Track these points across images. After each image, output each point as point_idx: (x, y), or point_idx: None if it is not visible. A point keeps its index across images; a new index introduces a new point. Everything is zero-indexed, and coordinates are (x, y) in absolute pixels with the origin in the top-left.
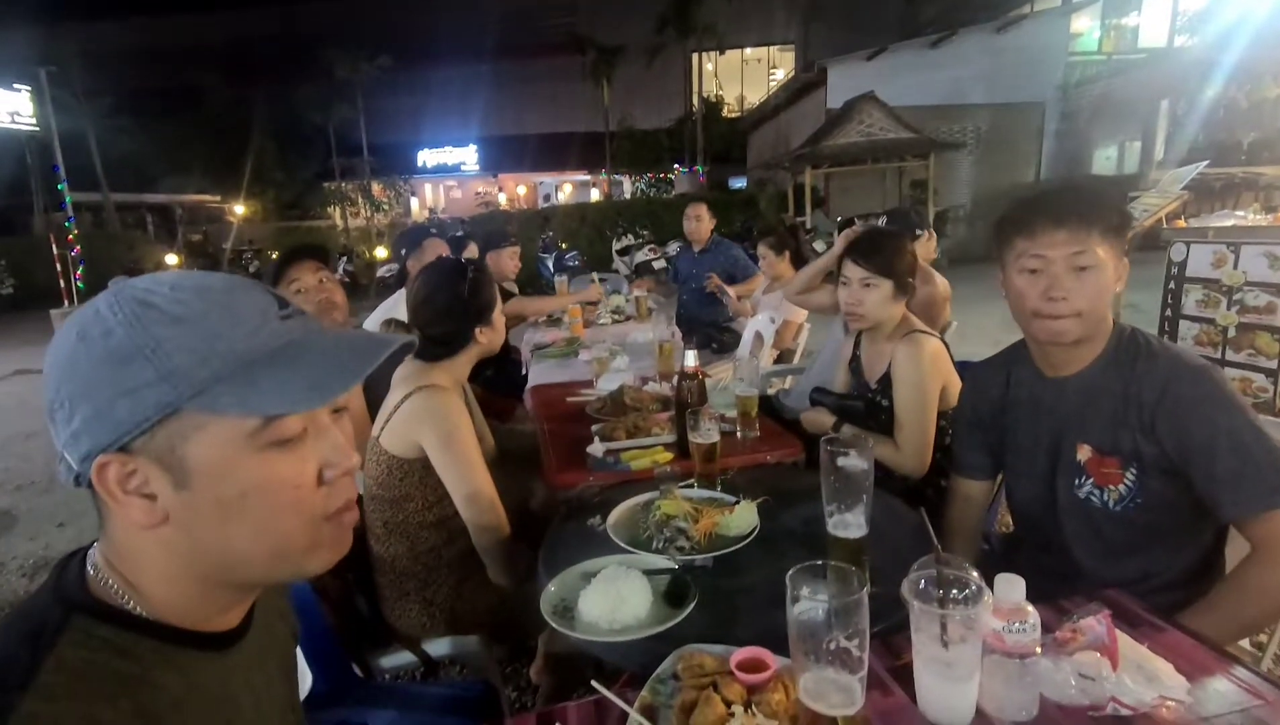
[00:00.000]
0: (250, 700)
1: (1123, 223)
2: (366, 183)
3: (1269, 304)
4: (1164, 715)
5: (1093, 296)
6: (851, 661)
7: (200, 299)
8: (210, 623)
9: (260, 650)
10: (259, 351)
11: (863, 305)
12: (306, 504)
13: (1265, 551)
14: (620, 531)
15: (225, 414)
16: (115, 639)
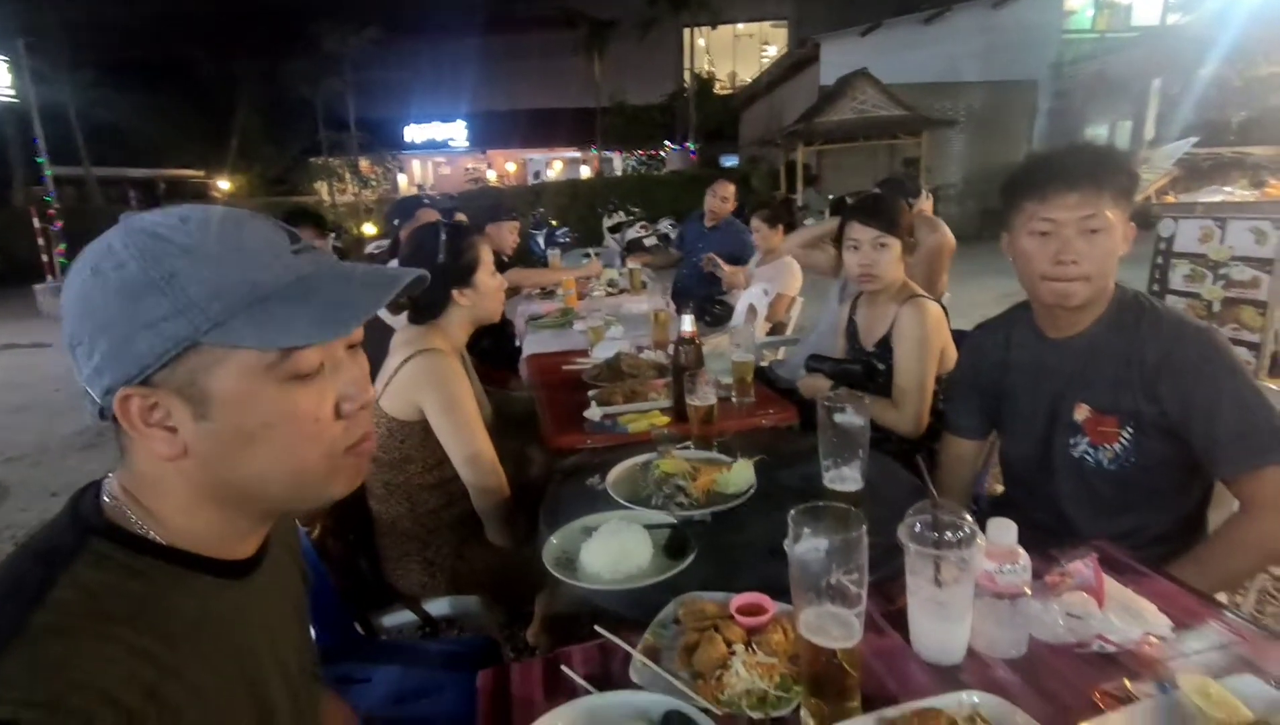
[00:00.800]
0: (265, 632)
1: (1132, 185)
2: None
3: (1253, 278)
4: (1147, 651)
5: (1102, 259)
6: (850, 597)
7: (212, 233)
8: (226, 550)
9: (274, 585)
10: (273, 285)
11: (877, 266)
12: (326, 436)
13: (1254, 507)
14: (620, 489)
15: (243, 347)
16: (131, 562)
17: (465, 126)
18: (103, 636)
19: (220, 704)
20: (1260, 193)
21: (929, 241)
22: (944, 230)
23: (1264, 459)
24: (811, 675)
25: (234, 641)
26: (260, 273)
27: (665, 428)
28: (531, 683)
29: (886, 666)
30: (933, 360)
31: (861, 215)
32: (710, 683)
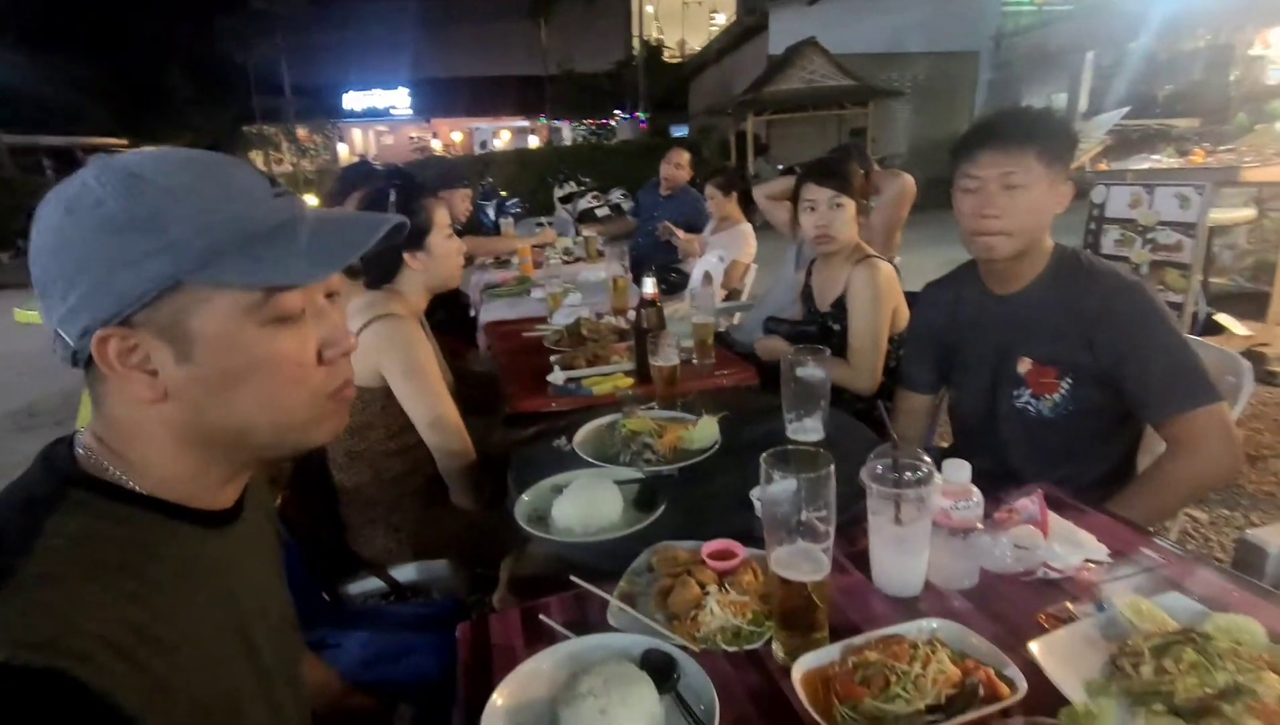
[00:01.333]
0: (247, 582)
1: (1060, 145)
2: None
3: (1178, 242)
4: (1086, 577)
5: (1022, 215)
6: (818, 534)
7: (191, 172)
8: (206, 500)
9: (253, 538)
10: (257, 226)
11: (832, 226)
12: (309, 380)
13: (1180, 447)
14: (587, 448)
15: (228, 287)
16: (113, 511)
17: (408, 94)
18: (92, 581)
19: (210, 646)
20: (1185, 160)
21: (892, 188)
22: (905, 177)
23: (1189, 403)
24: (783, 609)
25: (219, 587)
26: (245, 213)
27: (629, 389)
28: (511, 632)
29: (851, 602)
30: (885, 319)
31: (817, 176)
32: (686, 622)
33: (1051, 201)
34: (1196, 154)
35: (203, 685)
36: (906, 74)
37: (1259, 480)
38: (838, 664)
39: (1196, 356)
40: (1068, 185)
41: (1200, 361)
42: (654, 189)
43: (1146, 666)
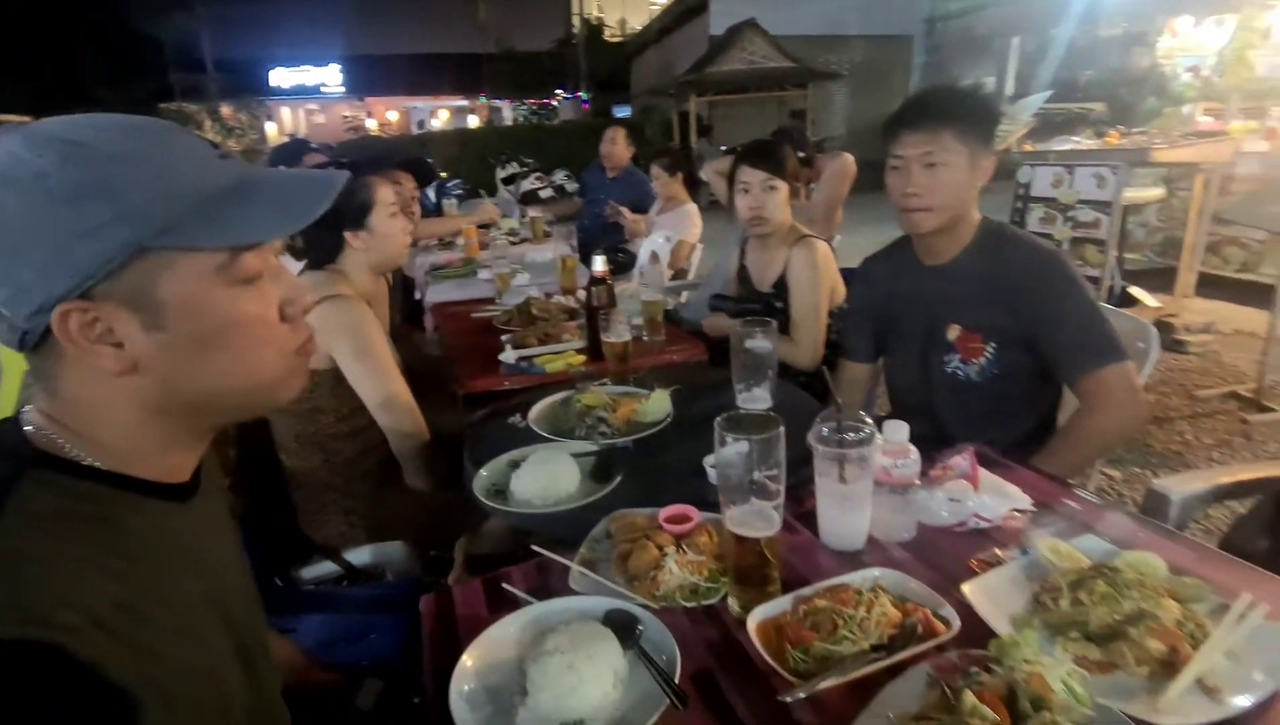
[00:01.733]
0: (214, 555)
1: (977, 122)
2: (214, 105)
3: (1095, 220)
4: (1012, 524)
5: (943, 191)
6: (769, 492)
7: (134, 138)
8: (166, 473)
9: (212, 512)
10: (211, 187)
11: (765, 208)
12: (276, 339)
13: (1092, 403)
14: (542, 424)
15: (196, 249)
16: (76, 487)
17: (340, 71)
18: (69, 557)
19: (189, 616)
20: (1102, 142)
21: (833, 166)
22: (845, 156)
23: (1099, 362)
24: (738, 565)
25: (189, 559)
26: (197, 176)
27: (582, 366)
28: (475, 602)
29: (800, 557)
30: (824, 296)
31: (751, 158)
32: (645, 583)
33: (973, 176)
34: (1112, 136)
35: (188, 655)
36: (844, 57)
37: (1166, 440)
38: (789, 613)
39: (1106, 320)
40: (990, 160)
41: (1109, 324)
42: (599, 170)
43: (1064, 600)
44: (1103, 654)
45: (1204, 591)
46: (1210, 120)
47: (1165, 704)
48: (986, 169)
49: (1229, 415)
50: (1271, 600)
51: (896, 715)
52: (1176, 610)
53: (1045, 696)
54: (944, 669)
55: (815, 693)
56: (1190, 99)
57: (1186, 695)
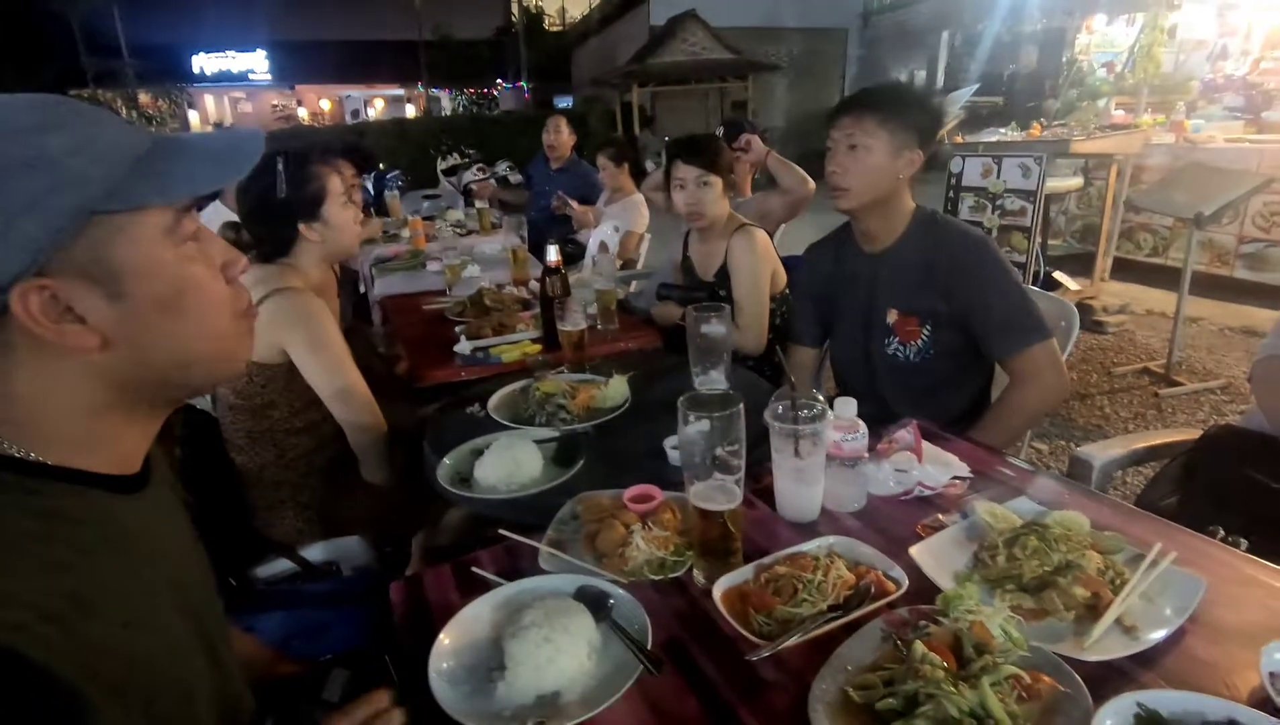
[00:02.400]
0: (169, 547)
1: (906, 114)
2: (132, 91)
3: (1021, 208)
4: (953, 492)
5: (860, 173)
6: (731, 467)
7: (44, 109)
8: (115, 465)
9: (164, 505)
10: (141, 147)
11: (701, 203)
12: (228, 300)
13: (1019, 379)
14: (502, 413)
15: (145, 208)
16: (20, 483)
17: (267, 57)
18: (16, 553)
19: (145, 607)
20: (1026, 134)
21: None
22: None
23: (1027, 341)
24: (702, 538)
25: (143, 550)
26: (124, 138)
27: (538, 356)
28: (445, 587)
29: (759, 530)
30: (765, 282)
31: (684, 154)
32: (614, 560)
33: (894, 164)
34: (1035, 128)
35: (145, 644)
36: (783, 49)
37: (1088, 414)
38: (751, 581)
39: (1032, 301)
40: (915, 152)
41: (1034, 305)
42: (543, 162)
43: (1000, 556)
44: (1035, 603)
45: (1122, 543)
46: (1122, 114)
47: (1090, 643)
48: (912, 160)
49: (1143, 390)
50: (1180, 549)
51: (854, 667)
52: (1099, 560)
53: (986, 642)
54: (896, 623)
55: (779, 651)
56: (1105, 93)
57: (1108, 634)
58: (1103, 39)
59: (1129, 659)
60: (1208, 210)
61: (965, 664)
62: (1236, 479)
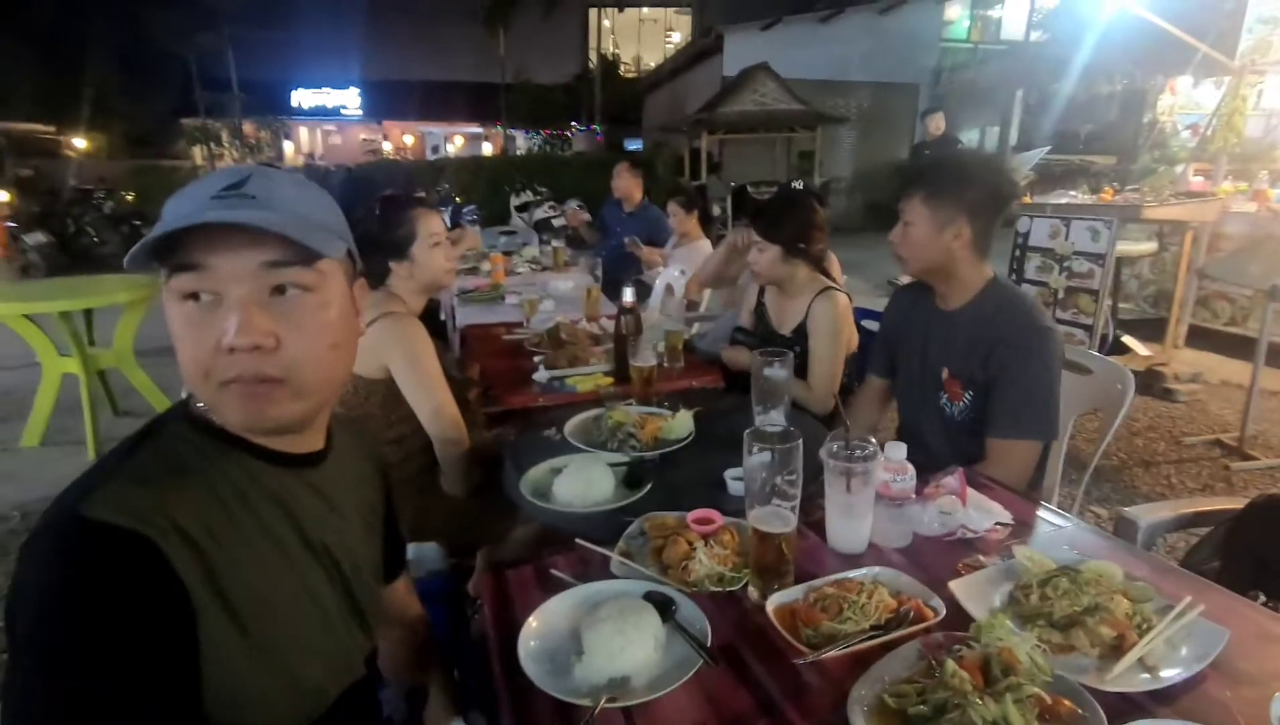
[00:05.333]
0: (327, 516)
1: (946, 190)
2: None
3: (1090, 271)
4: (994, 537)
5: (909, 245)
6: (788, 495)
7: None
8: (276, 443)
9: (337, 488)
10: (173, 210)
11: (758, 264)
12: (203, 362)
13: (990, 460)
14: (577, 436)
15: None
16: (196, 439)
17: (359, 94)
18: (175, 485)
19: (279, 559)
20: (1096, 197)
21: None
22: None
23: (1014, 432)
24: (759, 558)
25: (291, 514)
26: (176, 202)
27: (609, 387)
28: (527, 584)
29: (809, 558)
30: (843, 347)
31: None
32: (678, 571)
33: (939, 238)
34: (1106, 192)
35: (266, 588)
36: (851, 101)
37: (1152, 482)
38: (801, 600)
39: (1049, 404)
40: (961, 225)
41: (1049, 410)
42: (616, 206)
43: (1034, 595)
44: (1063, 638)
45: (1152, 593)
46: (1200, 180)
47: (1111, 677)
48: (959, 233)
49: (1212, 462)
50: (1210, 605)
51: (890, 679)
52: (1127, 606)
53: (1013, 666)
54: (931, 645)
55: (822, 660)
56: (1183, 159)
57: (1129, 671)
58: (1187, 100)
59: (1147, 694)
60: None
61: (992, 683)
62: (1278, 547)
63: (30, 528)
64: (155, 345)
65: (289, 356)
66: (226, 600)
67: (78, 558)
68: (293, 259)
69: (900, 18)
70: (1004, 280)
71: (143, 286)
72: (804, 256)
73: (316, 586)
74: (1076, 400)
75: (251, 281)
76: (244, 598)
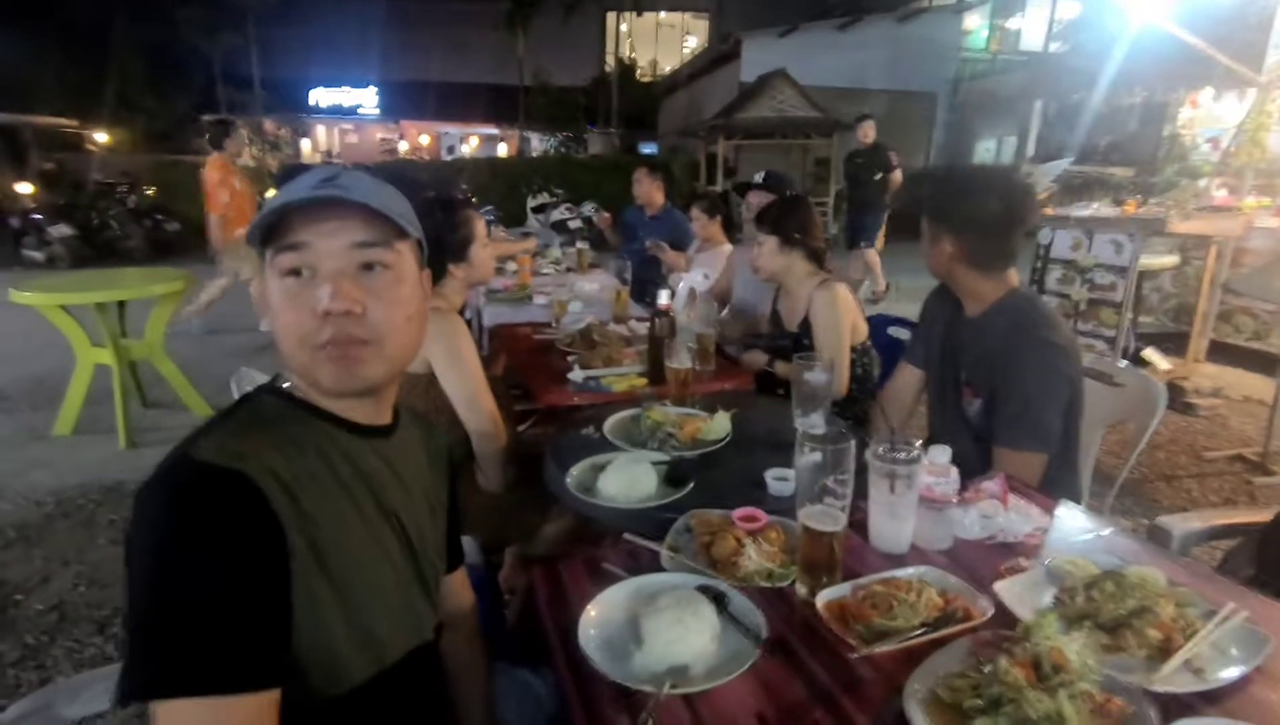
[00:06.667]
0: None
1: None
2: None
3: (1112, 283)
4: (1033, 542)
5: (926, 258)
6: (839, 494)
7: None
8: (350, 413)
9: (403, 462)
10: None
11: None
12: (300, 328)
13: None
14: (617, 435)
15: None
16: (283, 407)
17: (377, 93)
18: (267, 438)
19: (356, 515)
20: (1120, 210)
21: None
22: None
23: (1013, 442)
24: (808, 556)
25: (366, 478)
26: (282, 198)
27: (645, 388)
28: (579, 576)
29: (852, 558)
30: (846, 333)
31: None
32: (727, 566)
33: (935, 252)
34: (1129, 205)
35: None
36: (868, 109)
37: (1173, 496)
38: (849, 597)
39: (1050, 416)
40: (946, 241)
41: (1049, 422)
42: (639, 210)
43: (1080, 597)
44: (1110, 639)
45: (1196, 598)
46: (1225, 194)
47: (1159, 677)
48: (944, 249)
49: (1234, 476)
50: (1253, 611)
51: (943, 673)
52: (1172, 610)
53: (1063, 665)
54: (981, 643)
55: (874, 654)
56: (1206, 173)
57: (1176, 672)
58: (1208, 114)
59: (1195, 694)
60: None
61: (1043, 679)
62: None
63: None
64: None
65: (373, 322)
66: (314, 543)
67: (186, 494)
68: (376, 240)
69: (919, 26)
70: (1026, 292)
71: (175, 280)
72: (800, 247)
73: (389, 548)
74: (1106, 413)
75: (343, 257)
76: (329, 544)
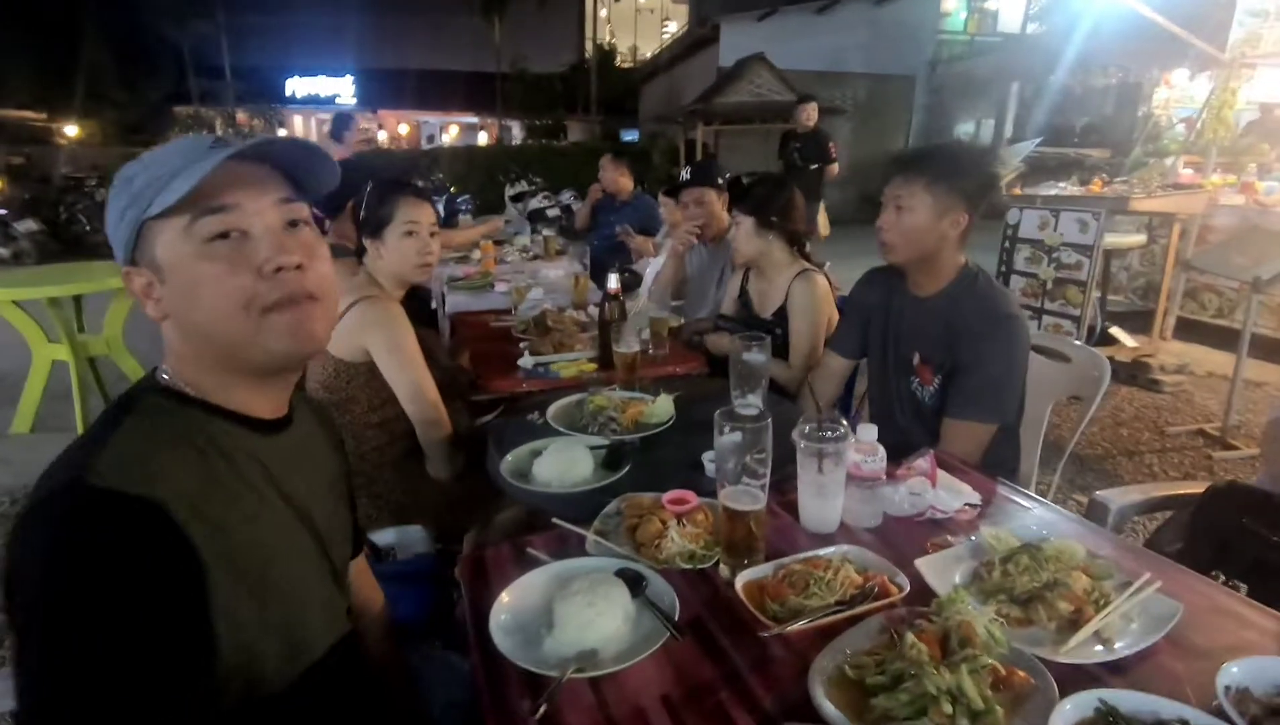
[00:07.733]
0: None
1: (954, 178)
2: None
3: (1078, 262)
4: (964, 517)
5: (903, 231)
6: (757, 474)
7: (158, 150)
8: (251, 408)
9: (305, 453)
10: (182, 166)
11: (736, 239)
12: (242, 293)
13: (944, 438)
14: (559, 420)
15: (163, 215)
16: (174, 407)
17: (354, 82)
18: (166, 449)
19: (268, 515)
20: (1085, 189)
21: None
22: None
23: (969, 413)
24: (729, 537)
25: (270, 473)
26: (182, 160)
27: (593, 373)
28: (504, 563)
29: (781, 537)
30: (822, 327)
31: (733, 200)
32: (650, 549)
33: (938, 226)
34: (1095, 184)
35: (262, 541)
36: (847, 93)
37: (1134, 471)
38: (770, 577)
39: (1009, 390)
40: (961, 215)
41: (1008, 397)
42: (609, 197)
43: (996, 571)
44: (1022, 613)
45: (1113, 570)
46: (1190, 173)
47: (1066, 649)
48: (957, 222)
49: (1196, 451)
50: (1168, 582)
51: (852, 651)
52: (1086, 582)
53: (971, 639)
54: (894, 619)
55: (787, 633)
56: (1174, 151)
57: (1084, 644)
58: (1182, 94)
59: (1100, 665)
60: (1266, 274)
61: (949, 655)
62: (1237, 529)
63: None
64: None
65: (315, 277)
66: (229, 554)
67: (90, 527)
68: (295, 196)
69: (897, 9)
70: (975, 267)
71: None
72: (778, 230)
73: (302, 543)
74: (1054, 387)
75: (271, 214)
76: (243, 550)
